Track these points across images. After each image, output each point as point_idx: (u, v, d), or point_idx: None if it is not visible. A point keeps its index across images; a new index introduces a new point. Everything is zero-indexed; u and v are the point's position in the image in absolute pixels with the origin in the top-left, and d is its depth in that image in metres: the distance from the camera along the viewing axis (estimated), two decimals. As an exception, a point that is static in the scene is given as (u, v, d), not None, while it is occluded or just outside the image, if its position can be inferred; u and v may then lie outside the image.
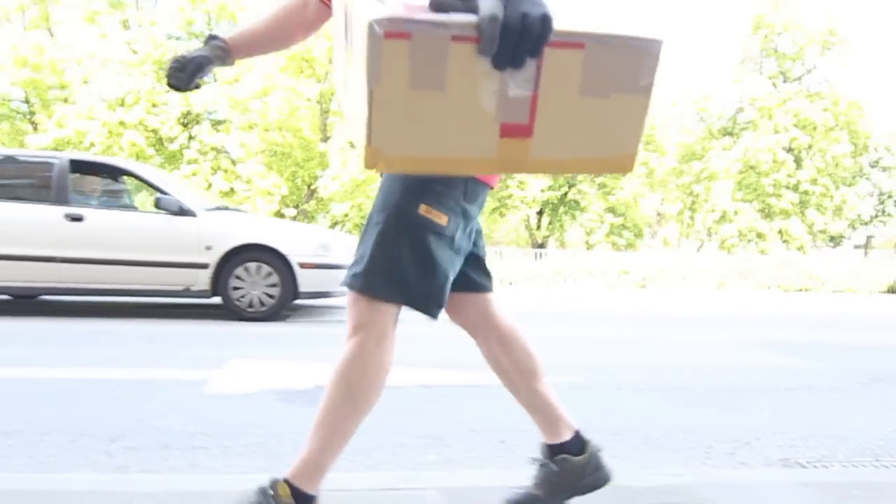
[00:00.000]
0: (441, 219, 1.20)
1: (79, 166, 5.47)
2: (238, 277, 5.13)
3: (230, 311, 5.15)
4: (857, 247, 27.26)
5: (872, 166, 26.25)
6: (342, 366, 1.21)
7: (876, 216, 26.37)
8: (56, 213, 5.08)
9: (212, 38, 1.38)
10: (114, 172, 5.93)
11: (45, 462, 1.86)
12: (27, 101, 19.99)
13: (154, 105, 20.55)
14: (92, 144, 19.07)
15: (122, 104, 20.07)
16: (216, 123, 22.40)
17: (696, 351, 4.38)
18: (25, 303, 6.17)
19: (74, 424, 2.22)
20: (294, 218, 24.21)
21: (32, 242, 5.04)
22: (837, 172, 24.50)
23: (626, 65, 0.80)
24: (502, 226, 29.51)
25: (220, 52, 1.36)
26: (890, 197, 26.02)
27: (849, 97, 24.54)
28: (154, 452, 1.97)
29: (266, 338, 4.42)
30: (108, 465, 1.86)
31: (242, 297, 5.15)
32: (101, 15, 20.17)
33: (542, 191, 24.25)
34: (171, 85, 1.31)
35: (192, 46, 22.14)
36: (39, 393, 2.65)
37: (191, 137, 21.72)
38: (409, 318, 1.24)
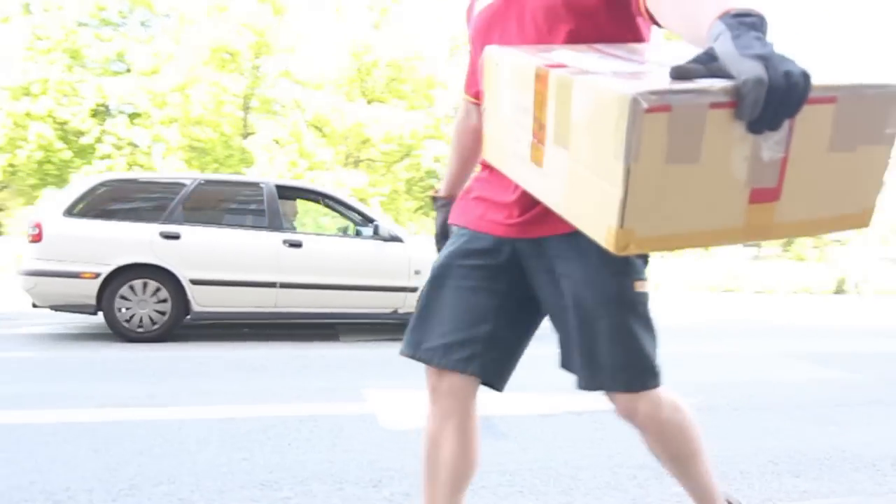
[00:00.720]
0: (646, 286, 1.21)
1: (282, 191, 5.55)
2: None
3: None
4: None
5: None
6: (664, 451, 1.29)
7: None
8: (276, 239, 5.23)
9: (435, 200, 1.55)
10: (314, 197, 6.19)
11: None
12: (-83, 89, 17.95)
13: (64, 95, 19.10)
14: (-6, 138, 17.45)
15: (28, 94, 18.49)
16: (133, 116, 21.13)
17: (748, 364, 4.86)
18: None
19: (320, 469, 2.26)
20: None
21: (255, 268, 5.17)
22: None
23: (875, 114, 0.79)
24: (427, 225, 29.77)
25: (448, 207, 1.48)
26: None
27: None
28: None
29: (371, 362, 4.45)
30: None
31: None
32: (0, -3, 18.43)
33: (471, 192, 24.73)
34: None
35: (103, 34, 20.77)
36: (224, 435, 2.62)
37: (104, 131, 20.34)
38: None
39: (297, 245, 5.25)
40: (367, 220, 5.65)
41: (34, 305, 5.04)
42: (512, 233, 1.24)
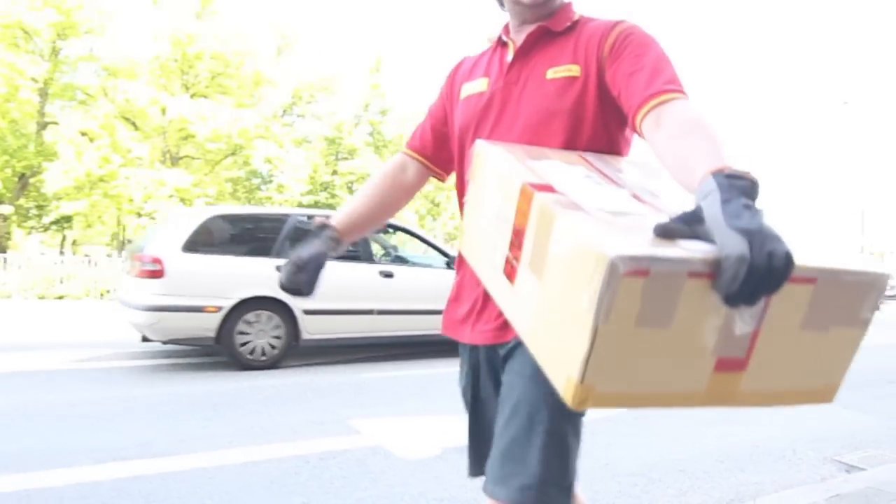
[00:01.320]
0: None
1: None
2: None
3: None
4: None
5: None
6: None
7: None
8: (372, 270, 5.92)
9: (323, 227, 1.31)
10: (392, 230, 6.82)
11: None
12: None
13: None
14: None
15: None
16: None
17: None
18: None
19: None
20: (8, 217, 20.44)
21: (356, 298, 5.78)
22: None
23: (852, 299, 0.80)
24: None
25: (334, 242, 1.30)
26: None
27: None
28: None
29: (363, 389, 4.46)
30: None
31: None
32: None
33: (302, 194, 24.40)
34: (290, 291, 1.24)
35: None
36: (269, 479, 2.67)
37: None
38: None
39: (389, 275, 5.98)
40: (442, 252, 6.51)
41: (144, 339, 5.33)
42: (492, 339, 1.22)
